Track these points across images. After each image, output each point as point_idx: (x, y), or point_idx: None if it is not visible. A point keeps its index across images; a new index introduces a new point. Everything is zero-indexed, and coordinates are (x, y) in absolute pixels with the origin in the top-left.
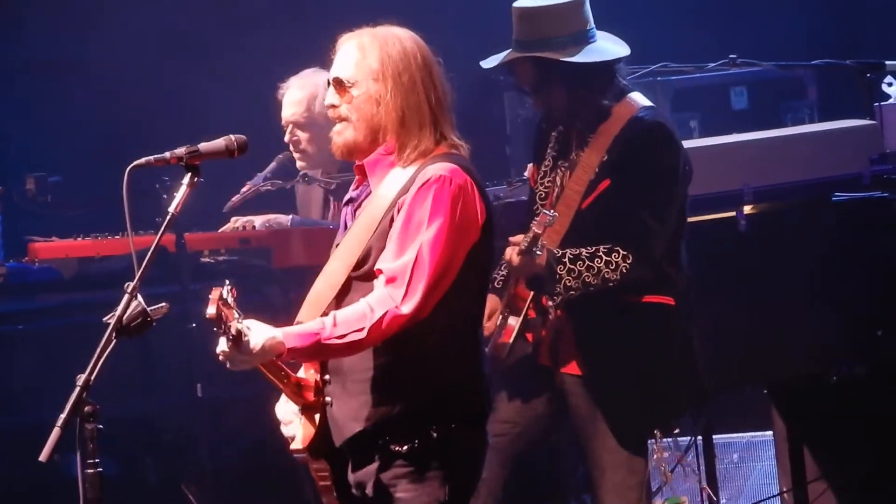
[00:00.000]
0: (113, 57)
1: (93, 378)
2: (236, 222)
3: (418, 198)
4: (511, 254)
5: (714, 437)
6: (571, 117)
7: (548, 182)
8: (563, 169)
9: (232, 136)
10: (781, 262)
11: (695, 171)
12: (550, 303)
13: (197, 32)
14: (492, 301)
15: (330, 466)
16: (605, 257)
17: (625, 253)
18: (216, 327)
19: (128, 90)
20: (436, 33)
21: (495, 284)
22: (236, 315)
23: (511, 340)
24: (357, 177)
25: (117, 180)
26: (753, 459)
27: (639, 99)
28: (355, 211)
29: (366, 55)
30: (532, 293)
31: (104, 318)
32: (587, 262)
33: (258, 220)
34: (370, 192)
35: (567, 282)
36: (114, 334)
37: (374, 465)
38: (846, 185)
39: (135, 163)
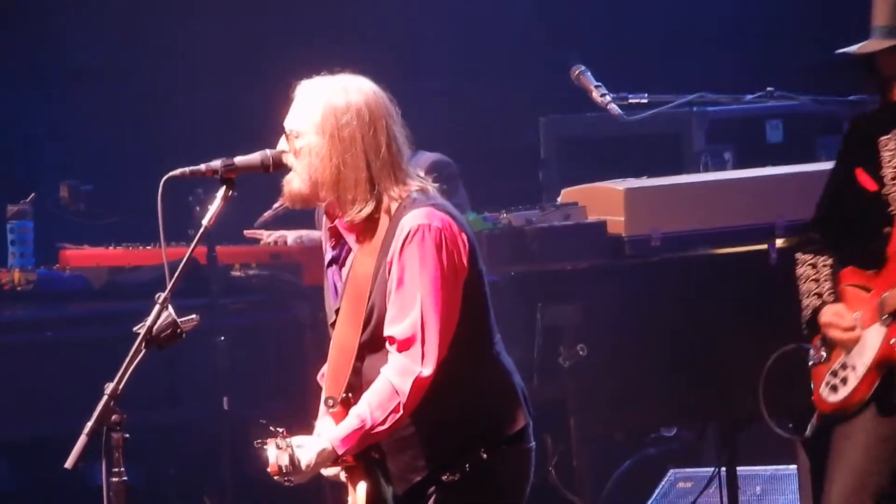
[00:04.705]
0: (149, 66)
1: (121, 388)
2: (269, 236)
3: (405, 254)
4: None
5: (738, 468)
6: None
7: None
8: None
9: (268, 151)
10: None
11: (727, 203)
12: None
13: (235, 45)
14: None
15: None
16: None
17: None
18: (279, 478)
19: (163, 99)
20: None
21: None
22: (284, 445)
23: None
24: (331, 238)
25: (150, 190)
26: (776, 493)
27: None
28: (340, 269)
29: (312, 107)
30: None
31: (134, 328)
32: None
33: (291, 235)
34: (349, 248)
35: None
36: (143, 344)
37: (430, 499)
38: None
39: (171, 173)
